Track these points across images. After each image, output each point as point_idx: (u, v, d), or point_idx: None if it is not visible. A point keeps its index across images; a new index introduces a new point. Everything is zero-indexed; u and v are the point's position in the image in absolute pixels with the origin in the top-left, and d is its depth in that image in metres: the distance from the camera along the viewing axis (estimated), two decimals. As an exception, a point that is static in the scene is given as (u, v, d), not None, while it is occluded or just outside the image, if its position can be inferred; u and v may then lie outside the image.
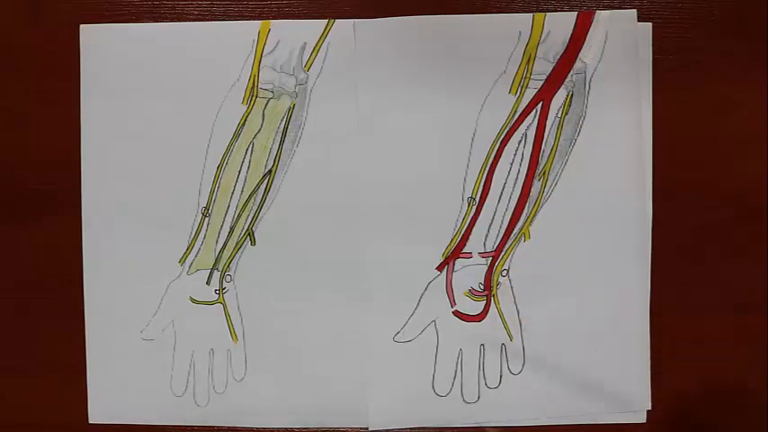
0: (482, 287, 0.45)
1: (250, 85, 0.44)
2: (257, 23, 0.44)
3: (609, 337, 0.44)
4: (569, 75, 0.43)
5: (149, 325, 0.45)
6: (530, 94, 0.43)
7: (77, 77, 0.44)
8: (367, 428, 0.45)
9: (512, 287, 0.44)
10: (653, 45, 0.43)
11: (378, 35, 0.43)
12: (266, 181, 0.44)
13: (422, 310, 0.44)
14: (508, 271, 0.44)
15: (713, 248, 0.44)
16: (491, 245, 0.44)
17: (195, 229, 0.45)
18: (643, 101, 0.43)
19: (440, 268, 0.44)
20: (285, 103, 0.44)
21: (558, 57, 0.43)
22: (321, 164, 0.44)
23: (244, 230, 0.45)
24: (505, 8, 0.43)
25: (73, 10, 0.44)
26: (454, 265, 0.44)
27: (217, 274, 0.45)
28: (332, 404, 0.45)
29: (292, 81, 0.44)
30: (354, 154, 0.44)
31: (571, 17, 0.43)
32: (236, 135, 0.44)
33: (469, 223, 0.44)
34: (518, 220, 0.44)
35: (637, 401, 0.44)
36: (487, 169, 0.44)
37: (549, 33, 0.43)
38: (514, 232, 0.44)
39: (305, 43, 0.44)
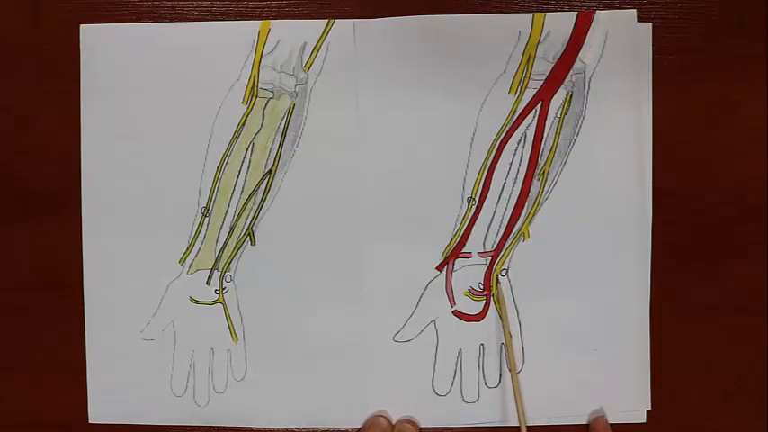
0: (481, 287, 0.45)
1: (250, 85, 0.44)
2: (257, 23, 0.44)
3: (609, 336, 0.44)
4: (569, 75, 0.43)
5: (149, 325, 0.45)
6: (529, 94, 0.43)
7: (77, 77, 0.44)
8: (367, 428, 0.45)
9: (511, 287, 0.44)
10: (653, 45, 0.43)
11: (378, 35, 0.43)
12: (266, 181, 0.45)
13: (421, 309, 0.44)
14: (507, 270, 0.44)
15: (713, 248, 0.44)
16: (491, 244, 0.44)
17: (195, 229, 0.45)
18: (643, 101, 0.43)
19: (439, 268, 0.44)
20: (285, 103, 0.44)
21: (558, 57, 0.43)
22: (321, 164, 0.44)
23: (244, 230, 0.45)
24: (505, 8, 0.43)
25: (73, 10, 0.44)
26: (454, 264, 0.44)
27: (217, 274, 0.45)
28: (332, 404, 0.45)
29: (292, 81, 0.44)
30: (354, 154, 0.44)
31: (571, 17, 0.43)
32: (236, 135, 0.44)
33: (469, 223, 0.44)
34: (517, 219, 0.44)
35: (637, 401, 0.44)
36: (487, 169, 0.44)
37: (548, 33, 0.43)
38: (514, 232, 0.44)
39: (305, 43, 0.44)
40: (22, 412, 0.46)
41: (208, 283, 0.45)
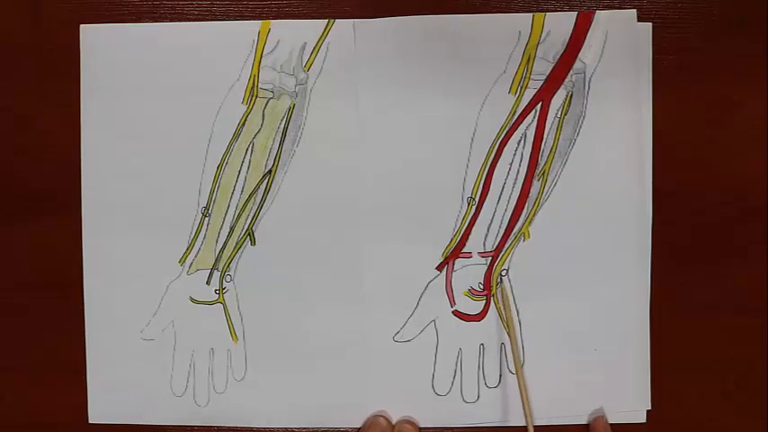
0: (482, 287, 0.45)
1: (250, 85, 0.44)
2: (257, 23, 0.44)
3: (609, 336, 0.44)
4: (569, 75, 0.43)
5: (149, 325, 0.45)
6: (529, 94, 0.43)
7: (77, 77, 0.44)
8: (367, 428, 0.45)
9: (511, 287, 0.44)
10: (653, 45, 0.43)
11: (378, 35, 0.43)
12: (266, 181, 0.45)
13: (421, 309, 0.44)
14: (508, 270, 0.44)
15: (713, 248, 0.44)
16: (491, 244, 0.44)
17: (195, 229, 0.45)
18: (643, 101, 0.43)
19: (439, 268, 0.44)
20: (285, 103, 0.44)
21: (558, 57, 0.43)
22: (321, 164, 0.44)
23: (244, 230, 0.45)
24: (505, 8, 0.43)
25: (73, 10, 0.44)
26: (454, 264, 0.44)
27: (217, 274, 0.45)
28: (332, 404, 0.45)
29: (292, 81, 0.44)
30: (354, 154, 0.44)
31: (571, 17, 0.43)
32: (236, 135, 0.44)
33: (469, 223, 0.44)
34: (518, 219, 0.44)
35: (637, 401, 0.44)
36: (487, 169, 0.44)
37: (548, 33, 0.43)
38: (514, 232, 0.44)
39: (305, 43, 0.44)
40: (22, 412, 0.46)
41: (208, 283, 0.45)
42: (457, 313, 0.45)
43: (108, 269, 0.45)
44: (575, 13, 0.43)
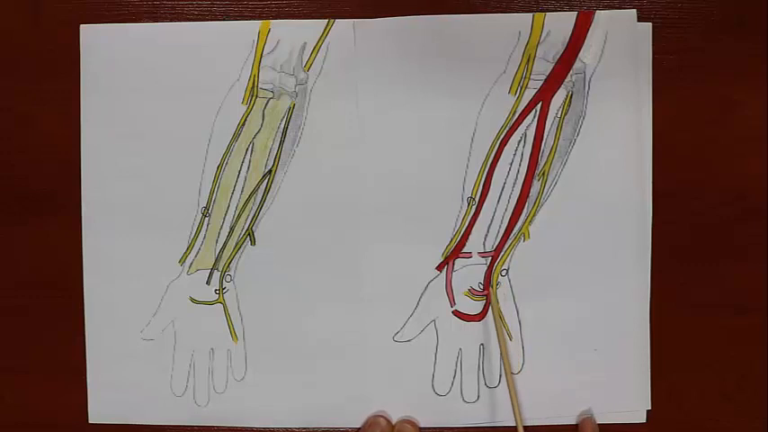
0: (481, 287, 0.45)
1: (250, 85, 0.44)
2: (257, 23, 0.44)
3: (609, 336, 0.44)
4: (569, 75, 0.43)
5: (149, 325, 0.45)
6: (529, 95, 0.43)
7: (77, 77, 0.44)
8: (367, 428, 0.45)
9: (511, 287, 0.44)
10: (653, 45, 0.43)
11: (378, 35, 0.43)
12: (266, 181, 0.45)
13: (421, 309, 0.44)
14: (508, 270, 0.44)
15: (713, 248, 0.44)
16: (491, 244, 0.44)
17: (195, 229, 0.45)
18: (643, 101, 0.43)
19: (439, 268, 0.44)
20: (285, 103, 0.44)
21: (558, 57, 0.43)
22: (321, 164, 0.44)
23: (244, 230, 0.45)
24: (505, 8, 0.43)
25: (73, 10, 0.44)
26: (454, 264, 0.44)
27: (217, 274, 0.45)
28: (332, 404, 0.45)
29: (292, 81, 0.44)
30: (354, 154, 0.44)
31: (571, 17, 0.43)
32: (236, 135, 0.44)
33: (469, 223, 0.44)
34: (517, 219, 0.44)
35: (637, 401, 0.44)
36: (487, 169, 0.44)
37: (548, 33, 0.43)
38: (514, 232, 0.44)
39: (305, 43, 0.44)
40: (22, 412, 0.46)
41: (208, 283, 0.45)
42: (457, 313, 0.45)
43: (108, 269, 0.45)
44: (575, 13, 0.43)
